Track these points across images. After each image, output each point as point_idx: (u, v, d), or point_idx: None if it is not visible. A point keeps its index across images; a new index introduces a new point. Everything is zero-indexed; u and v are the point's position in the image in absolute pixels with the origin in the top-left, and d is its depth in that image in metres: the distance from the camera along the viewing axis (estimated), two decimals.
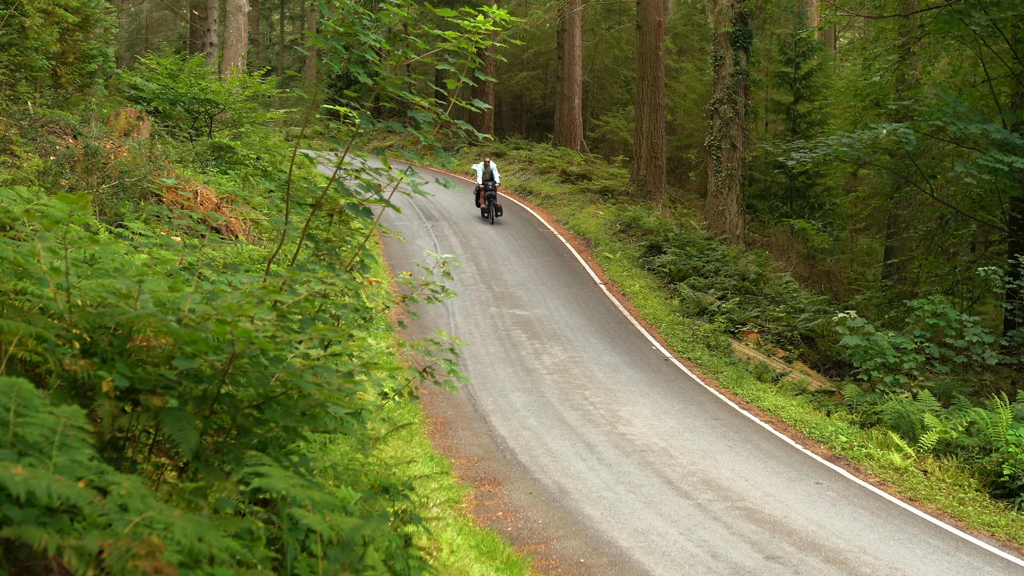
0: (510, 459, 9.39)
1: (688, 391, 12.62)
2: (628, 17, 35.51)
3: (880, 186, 19.93)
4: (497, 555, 6.80)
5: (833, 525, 8.23)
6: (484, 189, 21.98)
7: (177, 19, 41.94)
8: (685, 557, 7.26)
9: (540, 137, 35.57)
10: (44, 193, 3.37)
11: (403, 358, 11.01)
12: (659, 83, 23.85)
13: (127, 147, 11.08)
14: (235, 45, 22.11)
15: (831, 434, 11.17)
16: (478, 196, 22.60)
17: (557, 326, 14.96)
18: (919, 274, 18.52)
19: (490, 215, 22.11)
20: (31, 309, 2.74)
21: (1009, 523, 8.95)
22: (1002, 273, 13.06)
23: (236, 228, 11.39)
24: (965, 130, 13.47)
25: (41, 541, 1.77)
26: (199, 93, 15.84)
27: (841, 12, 22.16)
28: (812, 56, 24.16)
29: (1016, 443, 9.95)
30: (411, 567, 3.18)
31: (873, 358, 12.38)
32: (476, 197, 22.77)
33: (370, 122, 4.46)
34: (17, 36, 12.44)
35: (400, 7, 4.60)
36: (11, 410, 2.02)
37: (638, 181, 24.28)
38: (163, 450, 2.99)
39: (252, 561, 2.28)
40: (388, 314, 12.32)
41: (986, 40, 15.18)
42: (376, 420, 7.77)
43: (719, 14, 21.39)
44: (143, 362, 2.68)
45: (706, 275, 18.21)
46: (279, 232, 10.68)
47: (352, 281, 3.65)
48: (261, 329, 2.78)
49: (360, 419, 3.68)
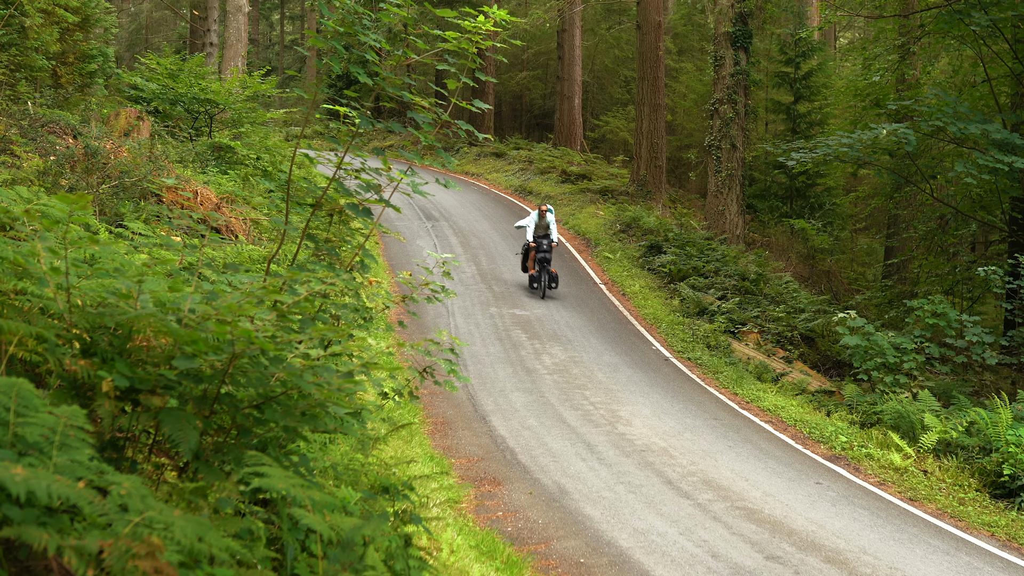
0: (510, 459, 9.39)
1: (688, 391, 12.62)
2: (628, 17, 35.50)
3: (880, 186, 19.93)
4: (497, 555, 6.80)
5: (833, 525, 8.23)
6: (536, 249, 16.44)
7: (177, 19, 41.93)
8: (685, 557, 7.26)
9: (540, 137, 35.58)
10: (44, 193, 3.37)
11: (403, 358, 11.01)
12: (659, 83, 23.85)
13: (127, 147, 11.08)
14: (235, 45, 22.11)
15: (831, 434, 11.18)
16: (526, 257, 17.06)
17: (557, 326, 14.96)
18: (919, 274, 18.52)
19: (541, 286, 16.47)
20: (31, 309, 2.74)
21: (1009, 523, 8.96)
22: (1002, 273, 13.05)
23: (236, 228, 11.39)
24: (965, 130, 13.47)
25: (41, 541, 1.77)
26: (199, 93, 15.84)
27: (841, 12, 22.15)
28: (812, 56, 24.16)
29: (1016, 443, 9.95)
30: (411, 567, 3.18)
31: (873, 358, 12.38)
32: (523, 258, 17.19)
33: (370, 122, 4.46)
34: (17, 36, 12.45)
35: (400, 7, 4.60)
36: (11, 410, 2.02)
37: (638, 181, 24.28)
38: (163, 450, 2.99)
39: (252, 561, 2.28)
40: (388, 314, 12.32)
41: (986, 40, 15.18)
42: (376, 420, 7.77)
43: (719, 14, 21.39)
44: (143, 362, 2.68)
45: (706, 275, 18.21)
46: (279, 232, 10.68)
47: (352, 281, 3.65)
48: (261, 329, 2.78)
49: (360, 419, 3.68)
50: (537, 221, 16.67)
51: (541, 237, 16.51)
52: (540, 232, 16.63)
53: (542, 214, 16.62)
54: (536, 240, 16.46)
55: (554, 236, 16.54)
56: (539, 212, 16.69)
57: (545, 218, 16.59)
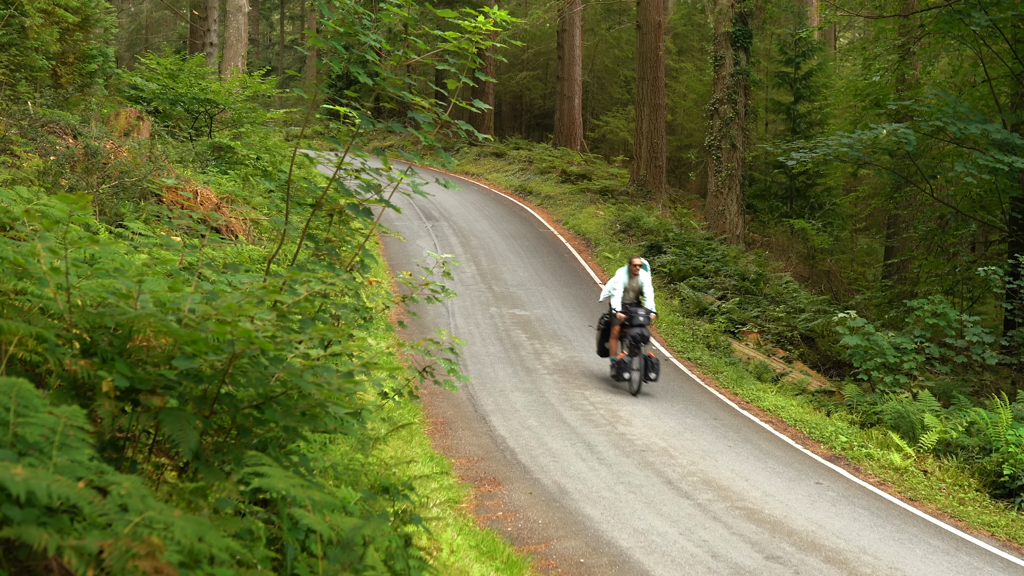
0: (510, 459, 9.39)
1: (688, 391, 12.62)
2: (628, 17, 35.50)
3: (880, 186, 19.93)
4: (497, 555, 6.80)
5: (833, 525, 8.23)
6: (628, 322, 11.73)
7: (177, 19, 41.93)
8: (685, 557, 7.26)
9: (540, 137, 35.58)
10: (44, 193, 3.37)
11: (403, 358, 11.01)
12: (659, 83, 23.85)
13: (127, 147, 11.08)
14: (235, 45, 22.11)
15: (831, 434, 11.18)
16: (606, 333, 12.11)
17: (557, 326, 14.96)
18: (919, 274, 18.53)
19: (633, 379, 11.71)
20: (31, 309, 2.74)
21: (1009, 523, 8.96)
22: (1002, 273, 13.06)
23: (236, 228, 11.39)
24: (965, 130, 13.48)
25: (41, 541, 1.77)
26: (199, 93, 15.85)
27: (841, 12, 22.16)
28: (812, 56, 24.17)
29: (1016, 443, 9.95)
30: (411, 567, 3.18)
31: (873, 358, 12.38)
32: (601, 335, 12.25)
33: (370, 122, 4.46)
34: (17, 36, 12.45)
35: (400, 7, 4.60)
36: (11, 410, 2.03)
37: (638, 181, 24.28)
38: (163, 450, 2.99)
39: (252, 561, 2.28)
40: (388, 314, 12.32)
41: (986, 40, 15.18)
42: (376, 420, 7.77)
43: (719, 14, 21.39)
44: (143, 362, 2.68)
45: (706, 275, 18.21)
46: (279, 232, 10.68)
47: (352, 281, 3.66)
48: (261, 329, 2.78)
49: (360, 419, 3.68)
50: (627, 282, 12.05)
51: (633, 305, 12.00)
52: (631, 298, 12.10)
53: (633, 271, 12.02)
54: (627, 310, 11.81)
55: (651, 303, 11.92)
56: (629, 268, 12.07)
57: (638, 277, 12.01)
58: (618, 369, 11.82)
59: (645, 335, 11.63)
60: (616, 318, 11.85)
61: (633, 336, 11.61)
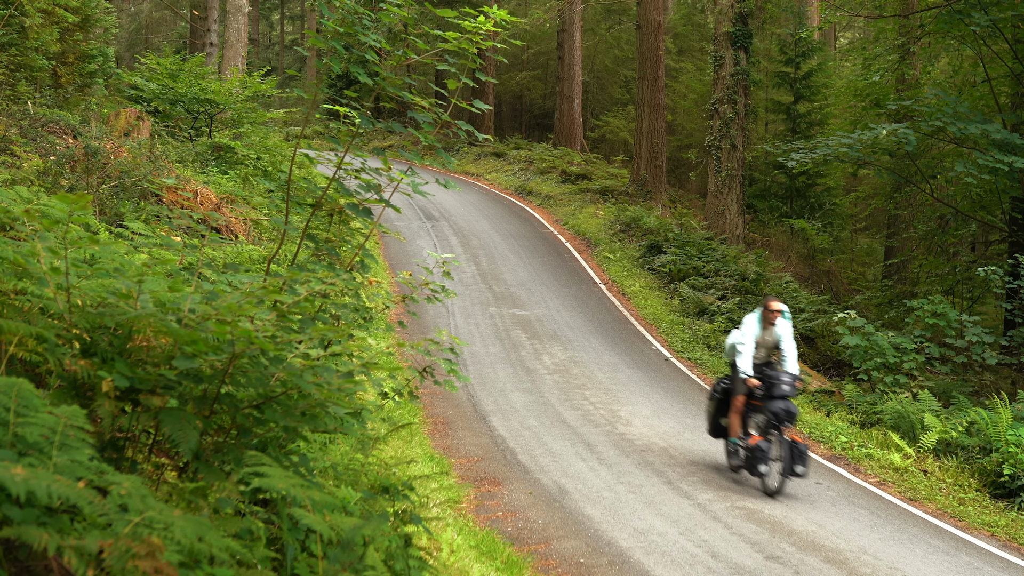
0: (510, 459, 9.39)
1: (688, 391, 12.62)
2: (628, 17, 35.50)
3: (880, 186, 19.93)
4: (497, 555, 6.80)
5: (833, 525, 8.23)
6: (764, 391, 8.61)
7: (177, 19, 41.93)
8: (685, 557, 7.26)
9: (540, 137, 35.57)
10: (44, 193, 3.37)
11: (403, 358, 11.01)
12: (659, 83, 23.85)
13: (127, 147, 11.08)
14: (235, 45, 22.11)
15: (831, 434, 11.18)
16: (723, 403, 9.07)
17: (557, 326, 14.96)
18: (919, 274, 18.52)
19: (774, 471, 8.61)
20: (31, 309, 2.74)
21: (1009, 523, 8.95)
22: (1002, 273, 13.05)
23: (236, 228, 11.39)
24: (965, 130, 13.47)
25: (41, 541, 1.77)
26: (199, 93, 15.84)
27: (841, 12, 22.15)
28: (812, 56, 24.16)
29: (1016, 443, 9.95)
30: (411, 567, 3.18)
31: (873, 358, 12.38)
32: (715, 406, 9.19)
33: (370, 122, 4.46)
34: (17, 36, 12.45)
35: (400, 7, 4.60)
36: (11, 410, 2.03)
37: (638, 181, 24.28)
38: (163, 450, 2.99)
39: (252, 561, 2.28)
40: (388, 314, 12.32)
41: (986, 40, 15.18)
42: (376, 420, 7.77)
43: (719, 14, 21.39)
44: (143, 362, 2.68)
45: (706, 275, 18.21)
46: (279, 232, 10.68)
47: (352, 281, 3.66)
48: (261, 329, 2.78)
49: (360, 419, 3.68)
50: (759, 335, 8.81)
51: (767, 365, 8.92)
52: (764, 356, 8.95)
53: (770, 318, 8.75)
54: (762, 374, 8.69)
55: (794, 365, 8.69)
56: (762, 315, 8.81)
57: (774, 328, 8.76)
58: (750, 459, 8.67)
59: (792, 411, 8.49)
60: (742, 385, 8.65)
61: (776, 412, 8.46)
